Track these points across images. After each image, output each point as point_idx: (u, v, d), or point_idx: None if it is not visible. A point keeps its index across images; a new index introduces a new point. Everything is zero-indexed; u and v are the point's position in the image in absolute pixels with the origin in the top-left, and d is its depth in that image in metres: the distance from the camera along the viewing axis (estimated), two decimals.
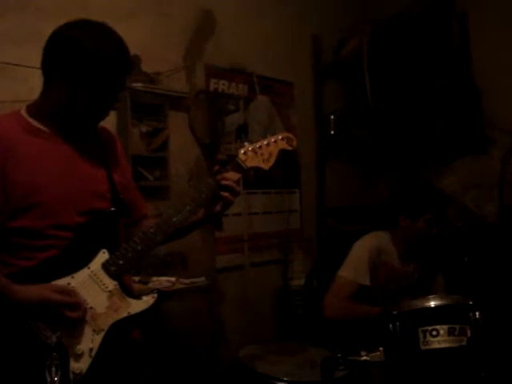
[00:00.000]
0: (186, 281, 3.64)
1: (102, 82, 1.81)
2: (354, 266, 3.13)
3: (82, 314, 1.74)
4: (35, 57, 2.00)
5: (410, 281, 3.21)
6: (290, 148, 2.13)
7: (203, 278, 3.78)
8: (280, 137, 2.12)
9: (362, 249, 3.18)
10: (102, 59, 1.78)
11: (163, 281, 3.50)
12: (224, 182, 1.98)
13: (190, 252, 3.90)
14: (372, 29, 4.78)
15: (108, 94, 1.87)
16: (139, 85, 3.62)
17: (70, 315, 1.71)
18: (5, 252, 1.78)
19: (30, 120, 1.86)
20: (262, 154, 2.07)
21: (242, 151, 2.06)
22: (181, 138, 4.02)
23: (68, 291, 1.75)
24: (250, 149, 2.07)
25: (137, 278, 3.33)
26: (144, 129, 3.74)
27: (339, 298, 3.08)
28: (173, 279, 3.55)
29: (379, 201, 3.56)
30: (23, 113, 1.88)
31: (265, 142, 2.09)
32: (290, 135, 2.15)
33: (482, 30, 4.49)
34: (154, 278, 3.49)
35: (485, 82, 4.46)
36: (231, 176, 2.00)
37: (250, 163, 2.06)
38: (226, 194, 1.99)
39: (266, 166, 2.08)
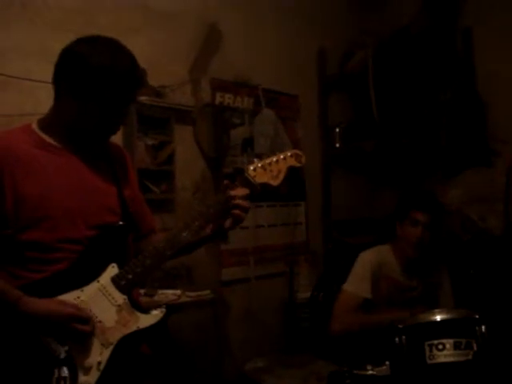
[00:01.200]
0: (192, 294, 3.65)
1: (111, 97, 1.83)
2: (357, 280, 3.16)
3: (92, 329, 1.75)
4: (41, 70, 2.02)
5: (415, 294, 3.20)
6: (298, 165, 2.12)
7: (209, 291, 3.78)
8: (289, 154, 2.10)
9: (363, 263, 3.22)
10: (110, 75, 1.80)
11: (169, 294, 3.50)
12: (234, 202, 1.96)
13: (196, 265, 3.91)
14: (377, 42, 4.81)
15: (117, 109, 1.88)
16: (145, 98, 3.64)
17: (81, 328, 1.72)
18: (14, 265, 1.79)
19: (41, 134, 1.88)
20: (271, 171, 2.05)
21: (252, 167, 2.04)
22: (187, 152, 4.04)
23: (77, 306, 1.76)
24: (259, 165, 2.04)
25: (142, 291, 3.33)
26: (150, 142, 3.76)
27: (345, 312, 3.10)
28: (178, 292, 3.56)
29: (385, 213, 3.57)
30: (34, 127, 1.90)
31: (274, 159, 2.07)
32: (299, 152, 2.13)
33: (486, 43, 4.51)
34: (160, 291, 3.49)
35: (489, 95, 4.47)
36: (240, 192, 1.98)
37: (260, 179, 2.03)
38: (236, 212, 1.96)
39: (274, 183, 2.06)
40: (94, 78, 1.78)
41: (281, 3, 4.80)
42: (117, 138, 3.48)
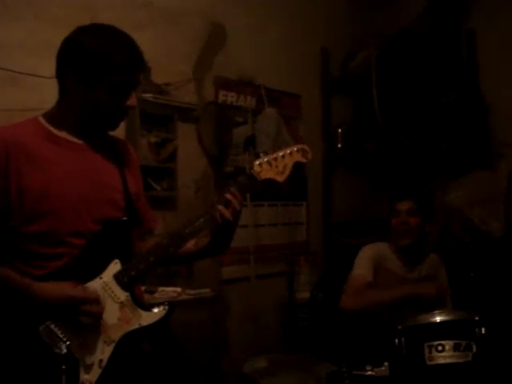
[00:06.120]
0: (192, 292, 3.65)
1: (114, 81, 1.80)
2: (362, 265, 3.20)
3: (102, 311, 1.75)
4: (46, 67, 2.02)
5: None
6: (304, 160, 2.06)
7: (209, 289, 3.79)
8: (295, 149, 2.05)
9: (366, 254, 3.27)
10: (109, 59, 1.78)
11: (169, 291, 3.51)
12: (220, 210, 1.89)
13: (196, 263, 3.90)
14: (380, 43, 4.80)
15: (122, 93, 1.84)
16: (149, 95, 3.63)
17: (94, 310, 1.72)
18: (18, 260, 1.78)
19: (49, 127, 1.86)
20: (276, 166, 2.00)
21: (257, 162, 1.99)
22: (189, 149, 4.04)
23: (86, 288, 1.75)
24: (265, 160, 1.99)
25: (143, 288, 3.32)
26: (153, 139, 3.76)
27: (355, 292, 3.11)
28: (179, 289, 3.56)
29: (386, 214, 3.58)
30: (41, 120, 1.88)
31: (280, 154, 2.02)
32: (306, 147, 2.07)
33: (489, 46, 4.51)
34: (160, 288, 3.50)
35: (492, 98, 4.48)
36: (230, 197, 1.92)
37: (265, 175, 1.99)
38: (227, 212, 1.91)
39: (280, 179, 2.01)
40: (95, 62, 1.77)
41: (285, 3, 4.79)
42: (120, 135, 3.49)
